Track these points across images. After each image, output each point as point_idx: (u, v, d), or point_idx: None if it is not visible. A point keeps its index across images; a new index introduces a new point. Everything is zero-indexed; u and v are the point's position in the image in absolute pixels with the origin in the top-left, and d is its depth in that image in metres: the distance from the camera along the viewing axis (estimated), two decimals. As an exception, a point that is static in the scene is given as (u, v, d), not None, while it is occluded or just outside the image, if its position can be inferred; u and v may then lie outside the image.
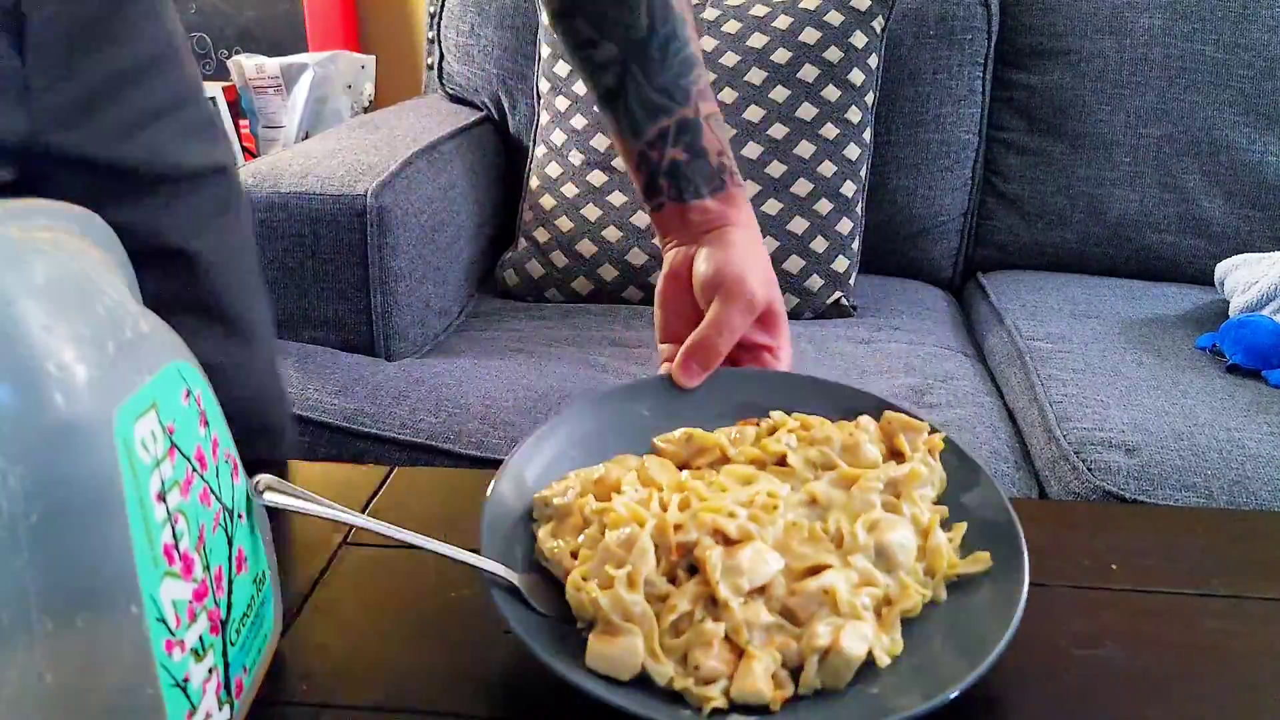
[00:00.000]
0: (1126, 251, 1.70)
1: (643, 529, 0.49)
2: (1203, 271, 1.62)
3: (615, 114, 0.68)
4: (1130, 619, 0.51)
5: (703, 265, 0.64)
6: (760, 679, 0.45)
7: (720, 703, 0.45)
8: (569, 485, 0.55)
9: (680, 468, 0.57)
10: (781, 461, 0.56)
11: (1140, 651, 0.49)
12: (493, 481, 0.55)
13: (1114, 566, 0.55)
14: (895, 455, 0.56)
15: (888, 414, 0.58)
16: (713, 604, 0.48)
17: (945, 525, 0.53)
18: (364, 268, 1.40)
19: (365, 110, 2.12)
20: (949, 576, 0.50)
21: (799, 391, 0.62)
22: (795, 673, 0.46)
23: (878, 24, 1.64)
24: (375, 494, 0.67)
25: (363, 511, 0.65)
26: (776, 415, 0.59)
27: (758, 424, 0.59)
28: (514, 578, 0.50)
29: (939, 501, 0.54)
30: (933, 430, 0.57)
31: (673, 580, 0.49)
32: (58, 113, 0.62)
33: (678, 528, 0.50)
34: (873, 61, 1.63)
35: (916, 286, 1.75)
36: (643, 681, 0.46)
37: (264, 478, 0.48)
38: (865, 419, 0.58)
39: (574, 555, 0.51)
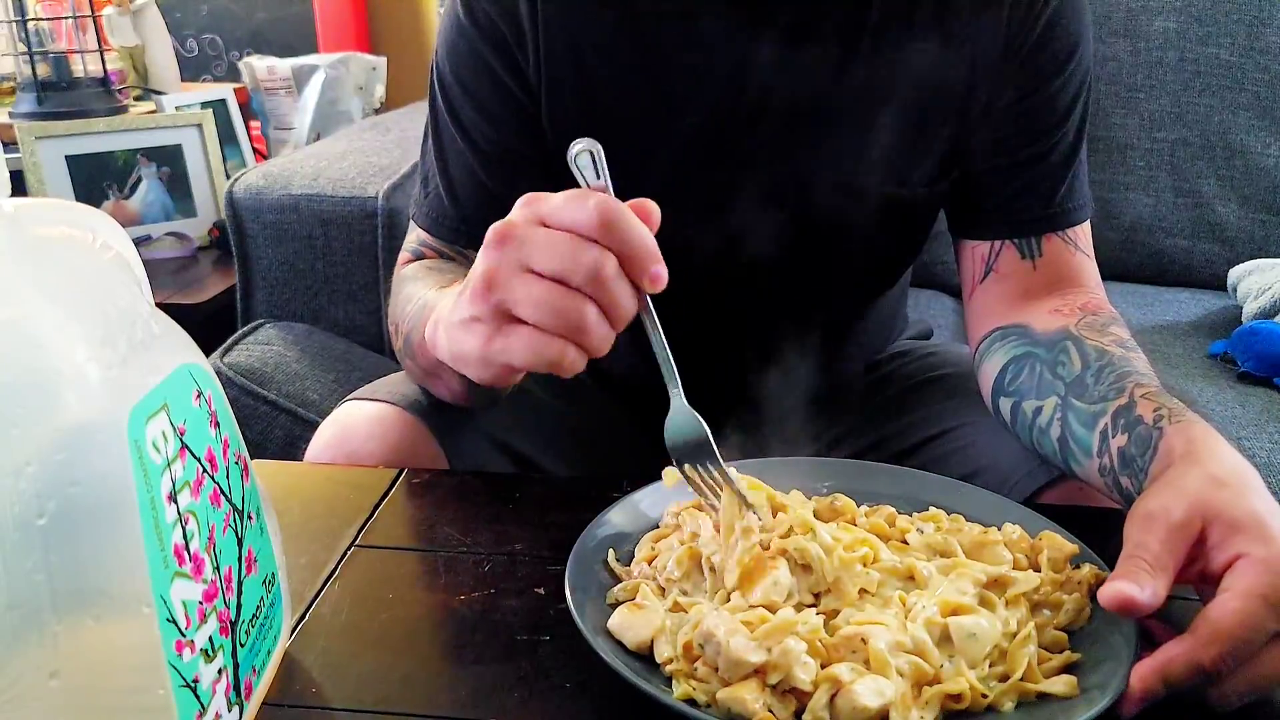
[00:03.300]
0: (1140, 256, 1.69)
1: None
2: (1217, 276, 1.61)
3: (1063, 452, 0.66)
4: (1142, 623, 0.50)
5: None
6: (749, 693, 0.45)
7: (700, 697, 0.46)
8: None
9: None
10: (904, 541, 0.57)
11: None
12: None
13: (1127, 573, 0.54)
14: (1037, 570, 0.55)
15: (1044, 532, 0.57)
16: None
17: (1059, 651, 0.50)
18: (375, 269, 1.40)
19: (376, 112, 2.12)
20: (1027, 692, 0.47)
21: (988, 506, 0.61)
22: (800, 713, 0.45)
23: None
24: (385, 496, 0.67)
25: (371, 516, 0.65)
26: (934, 510, 0.60)
27: (910, 514, 0.60)
28: None
29: (1071, 632, 0.51)
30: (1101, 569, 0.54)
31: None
32: None
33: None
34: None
35: (929, 296, 1.74)
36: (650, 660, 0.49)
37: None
38: (1016, 528, 0.57)
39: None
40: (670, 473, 0.58)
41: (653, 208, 0.52)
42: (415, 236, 0.82)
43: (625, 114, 0.77)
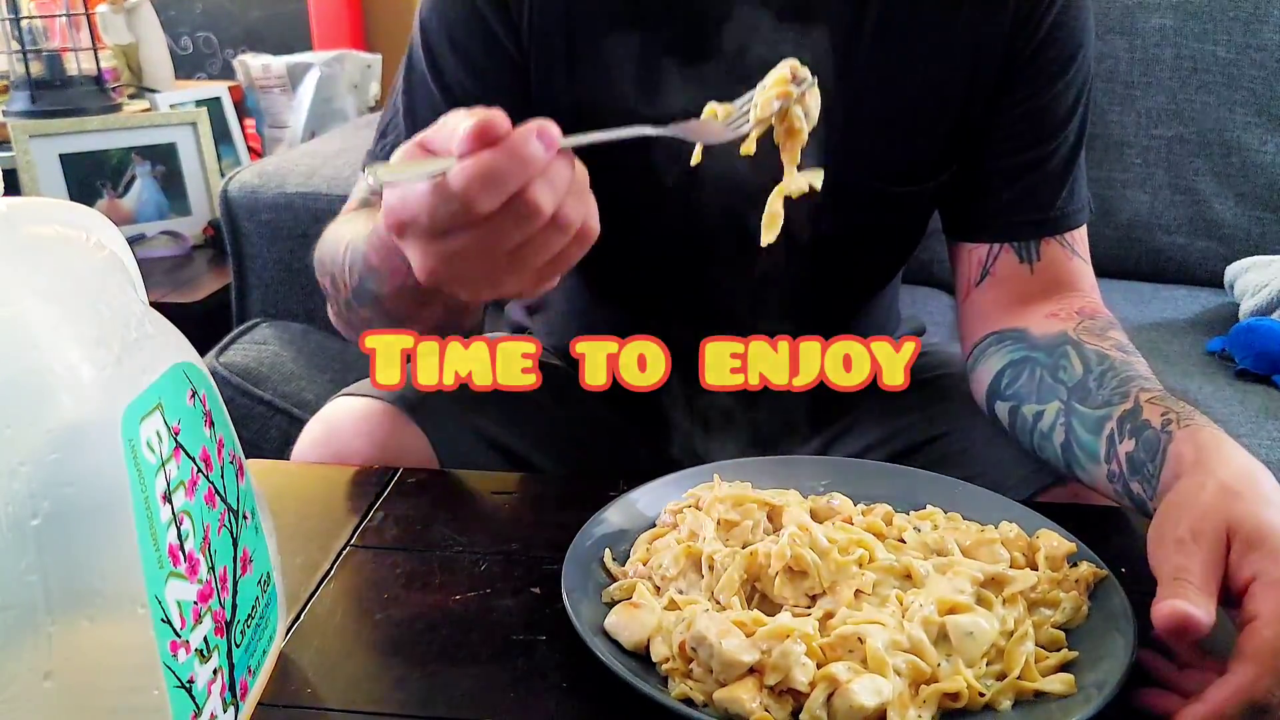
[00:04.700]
0: (1137, 253, 1.69)
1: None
2: (1214, 273, 1.61)
3: (1068, 458, 0.65)
4: (1140, 622, 0.50)
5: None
6: (746, 693, 0.45)
7: (696, 697, 0.46)
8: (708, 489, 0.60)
9: None
10: (901, 540, 0.57)
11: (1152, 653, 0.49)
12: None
13: (1123, 570, 0.54)
14: (1035, 569, 0.55)
15: (1041, 530, 0.57)
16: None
17: (1057, 649, 0.50)
18: (370, 267, 1.39)
19: (371, 110, 2.11)
20: (1024, 690, 0.47)
21: (985, 504, 0.61)
22: (797, 713, 0.45)
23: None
24: (381, 495, 0.67)
25: (366, 515, 0.65)
26: (931, 508, 0.60)
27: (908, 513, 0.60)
28: None
29: (1069, 631, 0.51)
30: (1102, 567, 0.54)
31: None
32: None
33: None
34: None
35: (926, 294, 1.74)
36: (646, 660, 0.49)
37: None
38: (1013, 526, 0.57)
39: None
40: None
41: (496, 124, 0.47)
42: (364, 185, 0.80)
43: (615, 92, 0.75)
